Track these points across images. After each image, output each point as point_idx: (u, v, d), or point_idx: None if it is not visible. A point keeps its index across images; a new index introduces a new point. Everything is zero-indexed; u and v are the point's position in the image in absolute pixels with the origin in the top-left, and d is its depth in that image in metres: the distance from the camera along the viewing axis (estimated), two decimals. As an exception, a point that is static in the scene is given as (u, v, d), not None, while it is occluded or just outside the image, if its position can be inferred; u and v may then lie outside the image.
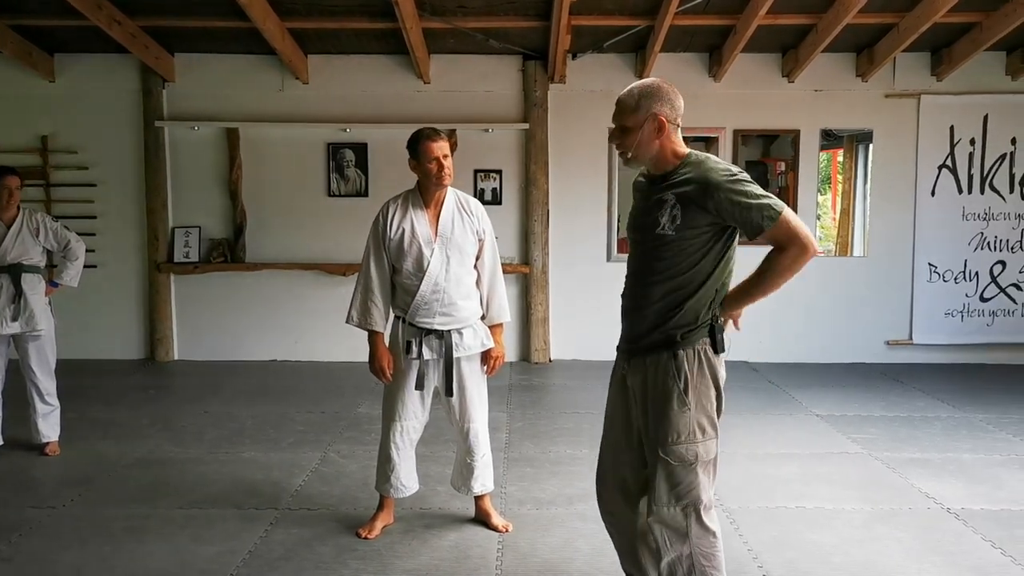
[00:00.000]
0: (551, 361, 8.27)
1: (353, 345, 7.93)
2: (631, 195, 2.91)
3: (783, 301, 8.06)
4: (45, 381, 5.17)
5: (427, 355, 3.78)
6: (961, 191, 8.12)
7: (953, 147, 8.09)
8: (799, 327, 8.23)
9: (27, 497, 4.45)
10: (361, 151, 8.14)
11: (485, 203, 4.76)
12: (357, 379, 7.07)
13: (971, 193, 8.12)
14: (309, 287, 8.24)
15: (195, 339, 8.34)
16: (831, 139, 8.69)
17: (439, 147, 3.68)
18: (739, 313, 2.76)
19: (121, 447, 5.33)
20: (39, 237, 5.12)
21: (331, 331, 8.04)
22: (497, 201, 8.11)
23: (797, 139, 8.14)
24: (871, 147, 8.33)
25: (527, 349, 8.25)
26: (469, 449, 3.93)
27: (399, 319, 3.86)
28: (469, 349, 3.84)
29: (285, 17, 7.11)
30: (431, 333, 3.77)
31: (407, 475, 3.95)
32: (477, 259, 3.90)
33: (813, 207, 8.29)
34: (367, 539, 3.86)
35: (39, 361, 5.14)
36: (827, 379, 7.47)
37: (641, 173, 2.84)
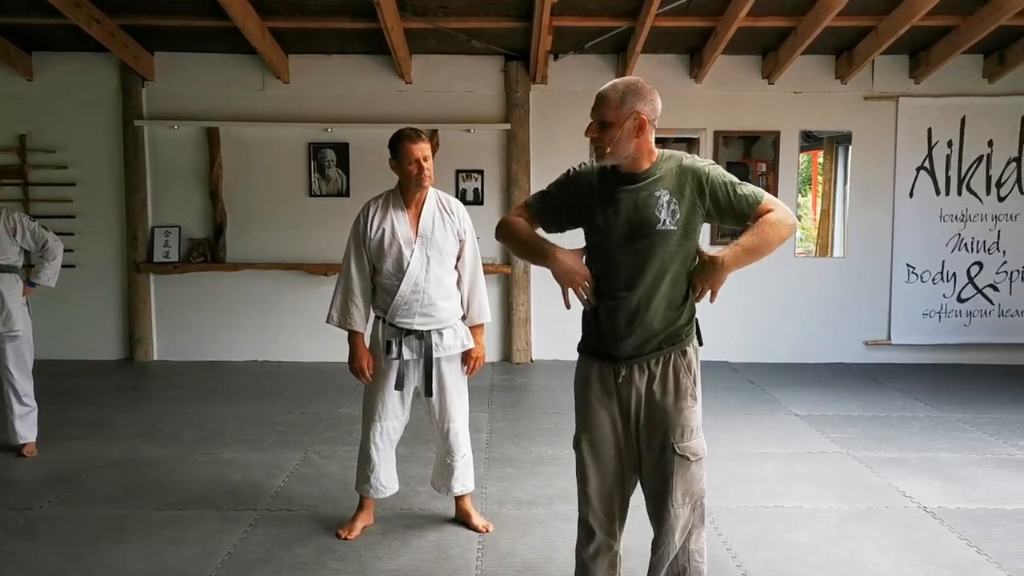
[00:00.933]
0: (532, 361, 8.28)
1: (334, 345, 7.90)
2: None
3: (763, 301, 8.19)
4: (22, 382, 5.12)
5: (407, 355, 3.78)
6: (939, 193, 8.19)
7: (931, 149, 8.16)
8: (779, 327, 8.28)
9: (4, 498, 4.41)
10: (342, 151, 8.12)
11: (467, 203, 4.77)
12: (338, 379, 7.04)
13: (948, 195, 8.19)
14: (290, 287, 8.21)
15: (175, 339, 8.30)
16: (811, 141, 8.74)
17: (420, 148, 3.68)
18: (721, 283, 2.60)
19: (99, 448, 5.29)
20: (16, 237, 5.07)
21: (312, 331, 8.01)
22: (479, 201, 8.11)
23: (777, 140, 8.19)
24: (850, 149, 8.38)
25: (508, 349, 8.26)
26: (449, 449, 3.93)
27: (379, 319, 3.85)
28: (449, 349, 3.84)
29: (266, 16, 7.08)
30: (411, 333, 3.77)
31: (387, 476, 3.95)
32: (458, 259, 3.90)
33: (793, 208, 8.33)
34: (347, 540, 3.85)
35: (16, 361, 5.09)
36: (806, 379, 7.52)
37: (600, 170, 2.72)
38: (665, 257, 2.59)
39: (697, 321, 2.71)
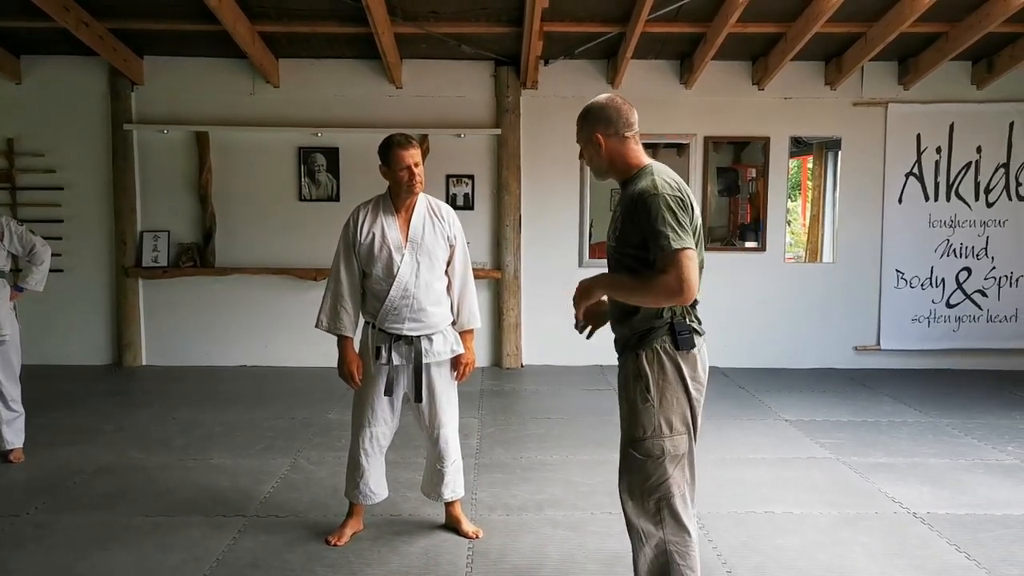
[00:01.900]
0: (523, 366, 8.27)
1: (323, 351, 7.89)
2: (603, 200, 2.99)
3: (752, 307, 8.20)
4: (10, 387, 5.08)
5: (396, 361, 3.76)
6: (928, 199, 8.23)
7: (920, 155, 8.19)
8: (769, 332, 8.30)
9: (-10, 505, 4.38)
10: (332, 155, 8.11)
11: (457, 208, 4.78)
12: (327, 385, 7.04)
13: (937, 200, 8.23)
14: (279, 292, 8.19)
15: (163, 344, 8.26)
16: (801, 146, 8.77)
17: (410, 155, 3.66)
18: (589, 300, 2.82)
19: (86, 454, 5.26)
20: (4, 241, 5.03)
21: (301, 336, 7.98)
22: (469, 206, 8.11)
23: (767, 146, 8.22)
24: (840, 154, 8.41)
25: (499, 354, 8.25)
26: (439, 455, 3.92)
27: (369, 324, 3.84)
28: (438, 355, 3.83)
29: (255, 20, 7.07)
30: (400, 339, 3.75)
31: (376, 482, 3.94)
32: (448, 265, 3.89)
33: (783, 213, 8.36)
34: (336, 546, 3.84)
35: (4, 367, 5.05)
36: (796, 384, 7.53)
37: None
38: (612, 268, 2.87)
39: (675, 327, 2.69)
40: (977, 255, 8.27)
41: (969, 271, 8.28)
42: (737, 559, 3.74)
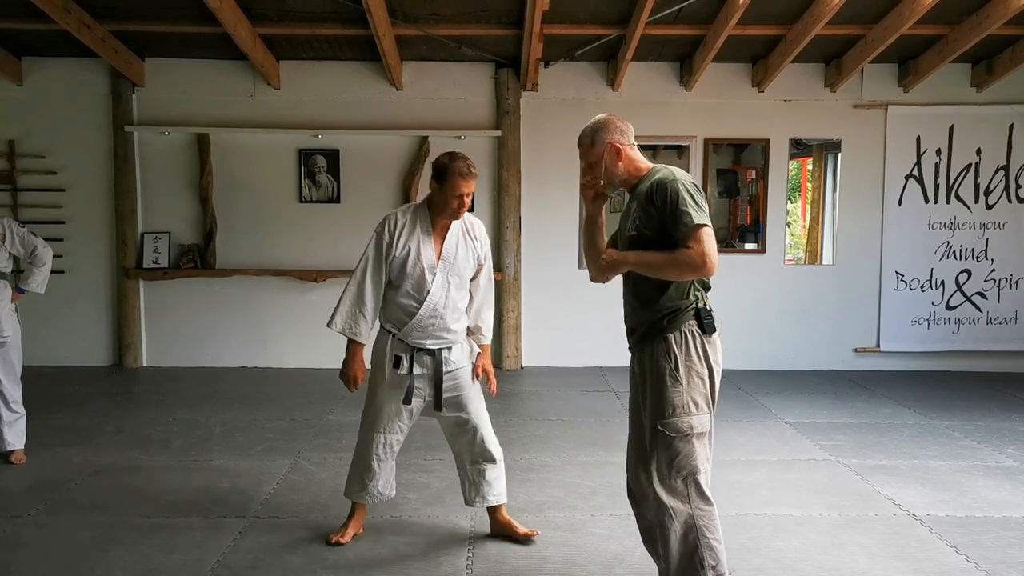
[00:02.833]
0: (523, 368, 8.28)
1: (324, 352, 7.91)
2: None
3: (752, 309, 8.21)
4: (11, 388, 5.09)
5: (417, 371, 3.74)
6: (927, 201, 8.24)
7: (920, 157, 8.20)
8: (768, 335, 8.30)
9: (-9, 506, 4.39)
10: (333, 157, 8.10)
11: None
12: (328, 386, 7.04)
13: (937, 203, 8.24)
14: (280, 293, 8.19)
15: (164, 345, 8.27)
16: (801, 147, 8.78)
17: (468, 186, 3.64)
18: (616, 272, 2.97)
19: (87, 455, 5.27)
20: (5, 243, 5.04)
21: (302, 338, 8.03)
22: (469, 208, 8.07)
23: (767, 148, 8.23)
24: (839, 156, 8.42)
25: (499, 356, 8.25)
26: (483, 457, 3.88)
27: (389, 333, 3.79)
28: (458, 363, 3.81)
29: (256, 23, 7.08)
30: (422, 351, 3.74)
31: (385, 483, 3.92)
32: (472, 280, 3.87)
33: (783, 215, 8.37)
34: (339, 544, 3.84)
35: (5, 368, 5.06)
36: (796, 386, 7.54)
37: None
38: None
39: (699, 311, 2.87)
40: (977, 257, 8.28)
41: (969, 273, 8.28)
42: (737, 562, 3.74)
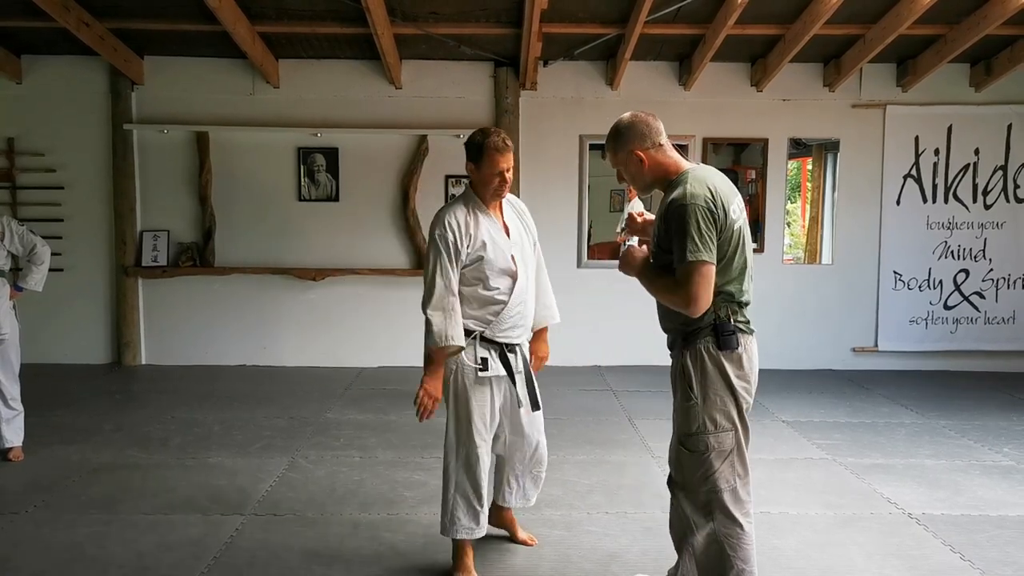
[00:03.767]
0: (521, 367, 8.27)
1: (321, 350, 7.94)
2: (602, 201, 2.99)
3: (750, 308, 8.17)
4: (9, 385, 5.10)
5: (502, 371, 3.47)
6: (926, 200, 8.24)
7: (918, 157, 8.21)
8: (767, 334, 8.19)
9: (-11, 503, 4.40)
10: (332, 156, 8.11)
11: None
12: (326, 384, 7.06)
13: (935, 202, 8.24)
14: (279, 291, 8.19)
15: (163, 343, 8.28)
16: (800, 147, 8.78)
17: (507, 160, 3.44)
18: (631, 264, 2.93)
19: (85, 452, 5.28)
20: (4, 241, 5.05)
21: (301, 336, 8.03)
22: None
23: (766, 148, 8.23)
24: (838, 156, 8.42)
25: (497, 355, 8.24)
26: (538, 461, 3.78)
27: (469, 335, 3.44)
28: (527, 358, 3.66)
29: (255, 21, 7.08)
30: (506, 347, 3.49)
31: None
32: None
33: (782, 214, 8.38)
34: None
35: (3, 365, 5.06)
36: (794, 385, 7.54)
37: None
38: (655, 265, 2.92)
39: (718, 328, 2.82)
40: (975, 257, 8.28)
41: (967, 273, 8.29)
42: (733, 559, 3.75)
